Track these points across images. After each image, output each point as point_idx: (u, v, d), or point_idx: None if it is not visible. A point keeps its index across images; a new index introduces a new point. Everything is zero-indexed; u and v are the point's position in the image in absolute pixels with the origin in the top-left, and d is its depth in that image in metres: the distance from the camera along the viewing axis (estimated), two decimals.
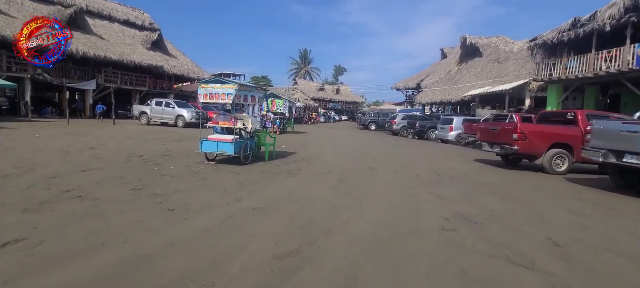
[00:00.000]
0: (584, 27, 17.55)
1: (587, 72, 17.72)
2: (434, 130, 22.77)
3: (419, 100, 37.54)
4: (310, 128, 29.72)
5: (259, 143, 9.32)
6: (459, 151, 15.29)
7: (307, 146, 13.52)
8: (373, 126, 32.27)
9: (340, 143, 15.98)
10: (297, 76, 66.42)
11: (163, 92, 30.69)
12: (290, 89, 38.31)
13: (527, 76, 25.43)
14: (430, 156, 12.65)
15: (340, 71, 78.94)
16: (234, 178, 6.70)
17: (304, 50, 70.48)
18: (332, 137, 20.22)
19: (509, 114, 17.82)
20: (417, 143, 19.19)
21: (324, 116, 47.23)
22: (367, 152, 12.72)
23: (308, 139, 17.13)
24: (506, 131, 9.84)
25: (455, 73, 34.51)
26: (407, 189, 6.48)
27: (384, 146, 16.05)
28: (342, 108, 62.14)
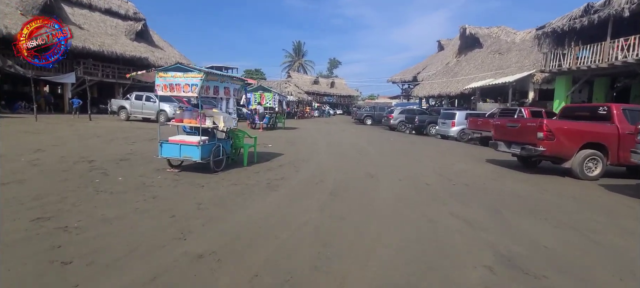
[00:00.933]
0: (598, 13, 16.02)
1: (601, 62, 16.23)
2: (433, 125, 21.25)
3: (416, 93, 36.01)
4: (303, 123, 28.06)
5: (237, 144, 7.70)
6: (464, 149, 13.79)
7: (296, 145, 11.91)
8: (369, 121, 30.70)
9: (334, 141, 14.38)
10: (290, 69, 64.48)
11: (149, 86, 28.81)
12: (282, 82, 36.55)
13: (531, 68, 23.95)
14: (435, 155, 11.11)
15: (335, 64, 77.14)
16: (194, 195, 5.08)
17: (298, 42, 68.50)
18: (325, 133, 18.61)
19: (518, 108, 16.39)
20: (417, 140, 17.65)
21: (318, 111, 45.55)
22: (365, 151, 11.15)
23: (299, 137, 15.51)
24: (529, 129, 8.29)
25: (454, 65, 32.96)
26: (419, 208, 4.91)
27: (382, 143, 14.49)
28: (336, 102, 60.47)
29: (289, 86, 35.53)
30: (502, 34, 29.83)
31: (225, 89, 6.97)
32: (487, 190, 6.25)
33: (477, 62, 29.36)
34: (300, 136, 15.95)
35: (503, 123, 9.42)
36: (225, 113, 7.05)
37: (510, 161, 9.93)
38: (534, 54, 25.36)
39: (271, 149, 10.66)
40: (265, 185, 5.90)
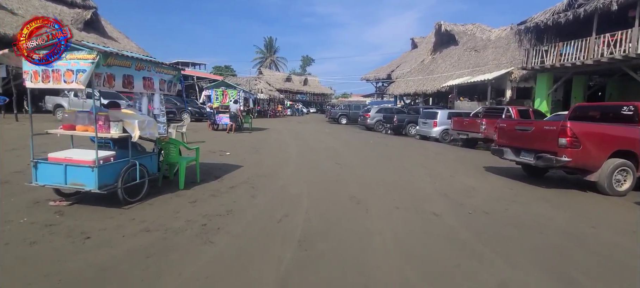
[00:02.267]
0: (584, 7, 14.97)
1: (586, 59, 15.23)
2: (413, 125, 19.72)
3: (391, 91, 34.66)
4: (274, 123, 25.77)
5: (169, 159, 5.45)
6: (453, 152, 12.20)
7: (261, 153, 9.73)
8: (344, 120, 28.89)
9: (307, 145, 12.31)
10: (262, 65, 61.58)
11: None
12: (252, 79, 33.98)
13: (509, 65, 23.03)
14: (425, 162, 9.34)
15: (308, 61, 74.92)
16: (56, 262, 2.85)
17: (269, 38, 65.49)
18: (298, 135, 16.50)
19: (505, 108, 15.08)
20: (398, 141, 15.95)
21: (291, 109, 43.31)
22: (344, 160, 9.18)
23: (267, 140, 13.30)
24: (546, 134, 6.62)
25: (429, 63, 31.84)
26: (440, 274, 2.97)
27: (361, 147, 12.59)
28: (310, 100, 58.41)
29: (260, 83, 33.02)
30: (477, 31, 28.95)
31: (146, 81, 4.69)
32: (520, 224, 4.41)
33: (454, 60, 28.30)
34: (269, 139, 13.75)
35: (510, 126, 7.72)
36: (146, 115, 4.79)
37: (513, 170, 8.33)
38: (511, 52, 24.53)
39: (228, 158, 8.44)
40: (198, 229, 3.72)
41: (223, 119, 15.94)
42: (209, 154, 8.92)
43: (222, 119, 15.94)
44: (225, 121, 16.05)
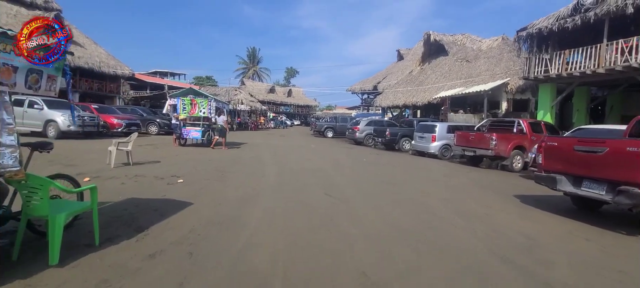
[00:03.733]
0: (594, 11, 13.48)
1: (598, 67, 13.68)
2: (407, 139, 17.76)
3: (378, 103, 32.86)
4: (254, 137, 23.32)
5: (32, 211, 3.03)
6: (460, 172, 10.16)
7: (227, 179, 7.30)
8: (330, 133, 26.75)
9: (289, 166, 9.98)
10: (244, 76, 59.17)
11: None
12: (232, 89, 31.52)
13: (503, 76, 21.60)
14: (439, 190, 7.19)
15: (292, 73, 72.99)
16: None
17: (252, 49, 63.23)
18: (279, 151, 14.16)
19: (516, 121, 13.26)
20: (393, 158, 13.85)
21: (274, 121, 40.96)
22: (336, 188, 6.91)
23: (240, 159, 10.90)
24: (630, 159, 4.58)
25: (418, 74, 30.28)
26: None
27: (354, 167, 10.37)
28: (294, 112, 56.27)
29: (240, 94, 30.59)
30: (467, 42, 27.66)
31: None
32: None
33: (444, 70, 26.79)
34: (243, 157, 11.35)
35: (566, 146, 5.63)
36: None
37: (553, 199, 6.30)
38: (505, 62, 23.15)
39: (178, 189, 6.03)
40: None
41: (192, 133, 13.45)
42: (155, 182, 6.49)
43: (190, 133, 13.44)
44: (194, 135, 13.56)
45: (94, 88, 28.62)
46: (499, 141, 11.40)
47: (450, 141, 14.81)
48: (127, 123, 16.51)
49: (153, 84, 36.03)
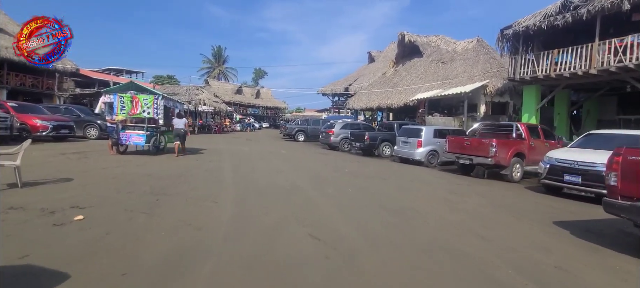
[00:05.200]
0: (587, 7, 12.44)
1: (590, 68, 12.67)
2: (388, 144, 16.00)
3: (351, 106, 31.16)
4: (217, 141, 20.56)
5: None
6: (464, 186, 8.40)
7: (159, 212, 4.80)
8: (301, 137, 24.56)
9: (255, 182, 7.64)
10: (209, 76, 55.36)
11: None
12: (193, 89, 28.32)
13: (482, 78, 20.61)
14: (461, 218, 5.27)
15: (260, 74, 69.81)
16: None
17: (218, 47, 59.23)
18: (243, 160, 11.74)
19: (514, 124, 11.82)
20: (378, 167, 11.94)
21: (241, 124, 38.03)
22: (323, 222, 4.73)
23: (191, 173, 8.38)
24: None
25: (392, 75, 28.93)
26: None
27: (338, 182, 8.23)
28: (262, 114, 53.41)
29: (202, 94, 27.52)
30: (441, 43, 26.66)
31: None
32: None
33: (420, 72, 25.56)
34: (196, 170, 8.83)
35: None
36: None
37: (596, 224, 4.60)
38: (481, 64, 22.21)
39: (69, 233, 3.57)
40: None
41: (133, 137, 10.68)
42: (32, 222, 3.95)
43: (131, 138, 10.67)
44: (136, 140, 10.80)
45: (27, 84, 24.35)
46: (499, 149, 9.83)
47: (437, 147, 13.22)
48: (54, 125, 13.26)
49: (102, 81, 31.87)
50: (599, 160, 7.23)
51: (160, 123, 11.03)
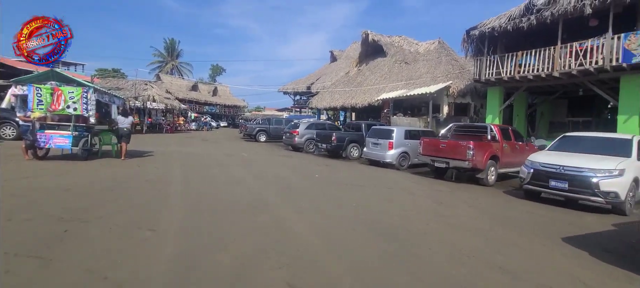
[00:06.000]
0: (551, 11, 12.49)
1: (552, 70, 12.76)
2: (356, 146, 15.13)
3: (314, 105, 30.11)
4: (169, 142, 18.36)
5: None
6: (445, 192, 7.66)
7: (59, 259, 3.34)
8: (263, 137, 22.97)
9: (208, 196, 6.18)
10: (162, 71, 51.17)
11: None
12: (141, 83, 25.40)
13: (445, 79, 20.63)
14: (461, 237, 4.36)
15: (218, 70, 66.28)
16: None
17: (171, 40, 54.85)
18: (197, 165, 10.10)
19: (488, 126, 11.40)
20: (348, 171, 10.94)
21: (197, 122, 35.31)
22: (306, 260, 3.58)
23: (124, 186, 6.66)
24: None
25: (356, 74, 28.34)
26: None
27: (310, 191, 7.05)
28: (220, 113, 50.49)
29: (151, 89, 24.77)
30: (404, 44, 26.57)
31: None
32: None
33: (384, 72, 25.19)
34: (133, 180, 7.12)
35: None
36: None
37: (598, 238, 3.95)
38: (444, 65, 22.28)
39: None
40: None
41: (55, 139, 8.61)
42: None
43: (52, 140, 8.58)
44: (60, 142, 8.73)
45: None
46: (477, 151, 9.29)
47: (407, 149, 12.57)
48: None
49: (30, 72, 27.50)
50: (586, 165, 6.84)
51: (91, 121, 9.02)
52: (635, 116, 11.49)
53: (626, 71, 11.42)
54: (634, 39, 10.94)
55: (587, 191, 6.61)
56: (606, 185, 6.44)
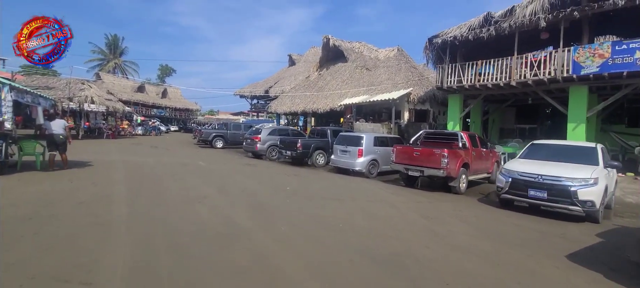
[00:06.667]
0: (509, 23, 12.98)
1: (510, 79, 13.24)
2: (321, 153, 14.44)
3: (274, 109, 29.01)
4: (110, 149, 16.13)
5: None
6: (425, 203, 7.24)
7: None
8: (220, 143, 21.34)
9: (162, 220, 5.01)
10: (102, 69, 46.25)
11: None
12: (76, 83, 22.26)
13: (405, 85, 20.88)
14: (464, 264, 3.83)
15: (167, 71, 61.84)
16: None
17: (114, 36, 49.74)
18: (142, 182, 8.64)
19: (458, 133, 11.34)
20: (319, 181, 10.18)
21: (143, 127, 32.21)
22: None
23: (41, 218, 5.15)
24: None
25: (316, 79, 27.81)
26: None
27: (281, 206, 6.15)
28: (170, 116, 46.94)
29: (89, 90, 21.84)
30: (364, 50, 26.65)
31: None
32: None
33: (345, 77, 24.95)
34: (60, 204, 5.62)
35: None
36: None
37: None
38: (403, 72, 22.59)
39: None
40: None
41: None
42: None
43: None
44: None
45: None
46: (451, 159, 9.08)
47: (377, 156, 12.18)
48: None
49: None
50: (563, 174, 6.82)
51: (6, 126, 7.23)
52: (583, 124, 12.26)
53: (574, 82, 12.12)
54: (583, 52, 11.64)
55: (565, 200, 6.56)
56: (583, 193, 6.43)
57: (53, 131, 8.61)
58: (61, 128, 8.67)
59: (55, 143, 8.64)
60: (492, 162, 11.65)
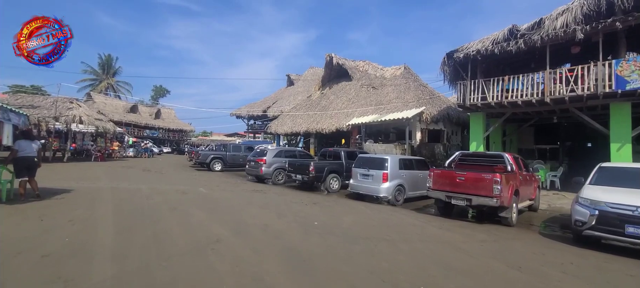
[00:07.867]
0: (540, 35, 11.92)
1: (544, 97, 12.07)
2: (336, 177, 12.90)
3: (274, 129, 27.52)
4: (96, 174, 14.33)
5: None
6: (485, 240, 5.73)
7: None
8: (218, 166, 19.63)
9: (163, 281, 3.40)
10: (94, 89, 44.49)
11: None
12: (64, 101, 20.48)
13: (416, 104, 19.73)
14: None
15: (161, 92, 60.28)
16: None
17: (107, 56, 48.20)
18: (135, 217, 6.93)
19: (504, 156, 9.83)
20: (346, 211, 8.55)
21: (135, 148, 30.30)
22: None
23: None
24: None
25: (319, 98, 26.57)
26: None
27: (321, 255, 4.59)
28: (163, 137, 45.05)
29: (77, 109, 20.13)
30: (369, 69, 25.67)
31: None
32: None
33: (351, 96, 23.76)
34: (25, 254, 3.97)
35: None
36: None
37: None
38: (413, 91, 21.51)
39: None
40: None
41: None
42: None
43: None
44: None
45: None
46: (504, 186, 7.63)
47: (403, 181, 10.68)
48: None
49: None
50: None
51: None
52: (628, 144, 11.04)
53: (616, 98, 11.00)
54: (626, 66, 10.57)
55: None
56: None
57: (27, 154, 7.01)
58: (34, 150, 7.08)
59: (27, 167, 7.02)
60: (534, 187, 10.23)
